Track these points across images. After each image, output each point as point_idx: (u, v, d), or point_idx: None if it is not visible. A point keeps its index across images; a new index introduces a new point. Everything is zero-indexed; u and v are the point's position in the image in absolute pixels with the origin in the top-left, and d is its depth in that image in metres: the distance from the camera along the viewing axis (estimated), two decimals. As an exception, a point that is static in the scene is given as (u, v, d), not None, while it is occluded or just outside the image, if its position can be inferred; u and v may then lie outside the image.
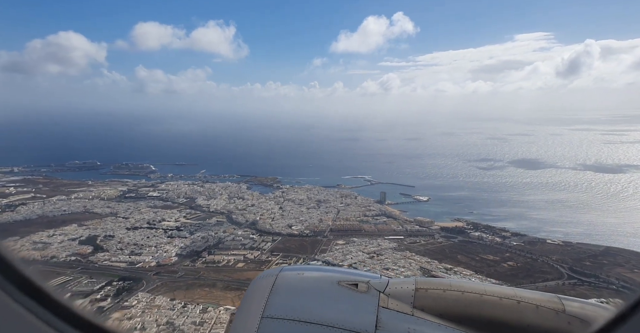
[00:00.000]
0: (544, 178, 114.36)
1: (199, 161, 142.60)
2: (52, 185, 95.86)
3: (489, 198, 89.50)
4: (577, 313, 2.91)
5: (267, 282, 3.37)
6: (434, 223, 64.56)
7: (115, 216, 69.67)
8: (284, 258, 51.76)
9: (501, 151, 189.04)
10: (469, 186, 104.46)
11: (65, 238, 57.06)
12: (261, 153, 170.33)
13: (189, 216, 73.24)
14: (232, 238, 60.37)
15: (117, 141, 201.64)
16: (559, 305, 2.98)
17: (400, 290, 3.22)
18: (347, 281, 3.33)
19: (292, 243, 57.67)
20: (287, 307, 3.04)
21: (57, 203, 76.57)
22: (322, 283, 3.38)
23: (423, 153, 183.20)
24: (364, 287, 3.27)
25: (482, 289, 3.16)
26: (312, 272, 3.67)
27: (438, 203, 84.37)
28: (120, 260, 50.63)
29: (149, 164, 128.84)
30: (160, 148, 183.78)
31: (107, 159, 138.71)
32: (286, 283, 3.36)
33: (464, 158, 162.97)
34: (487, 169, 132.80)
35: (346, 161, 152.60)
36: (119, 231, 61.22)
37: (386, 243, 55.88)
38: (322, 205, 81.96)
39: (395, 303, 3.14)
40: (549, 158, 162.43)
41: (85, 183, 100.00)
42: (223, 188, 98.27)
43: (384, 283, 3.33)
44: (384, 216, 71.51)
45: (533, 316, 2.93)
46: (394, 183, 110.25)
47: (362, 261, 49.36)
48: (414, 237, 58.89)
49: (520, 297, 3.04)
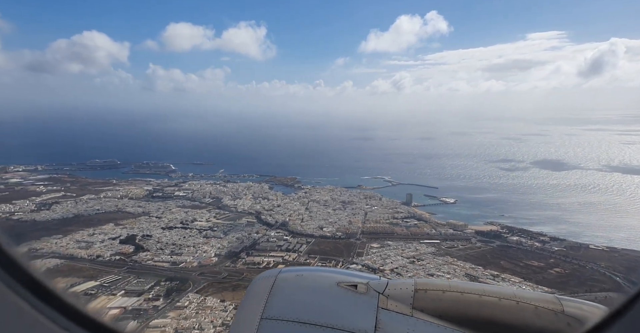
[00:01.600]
0: (571, 179, 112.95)
1: (214, 160, 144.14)
2: (79, 184, 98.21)
3: (519, 200, 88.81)
4: (576, 314, 2.94)
5: (267, 283, 3.38)
6: (467, 227, 64.47)
7: (148, 215, 71.25)
8: (323, 261, 52.38)
9: (519, 152, 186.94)
10: (495, 187, 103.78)
11: (106, 237, 58.72)
12: (275, 153, 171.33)
13: (218, 216, 74.48)
14: (265, 239, 61.31)
15: (131, 140, 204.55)
16: (558, 305, 3.01)
17: (399, 291, 3.24)
18: (347, 283, 3.34)
19: (326, 246, 58.27)
20: (286, 308, 3.05)
21: (89, 202, 78.58)
22: (321, 284, 3.38)
23: (440, 153, 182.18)
24: (363, 288, 3.28)
25: (481, 290, 3.18)
26: (311, 273, 3.69)
27: (466, 205, 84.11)
28: (162, 259, 51.95)
29: (168, 163, 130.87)
30: (174, 146, 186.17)
31: (125, 157, 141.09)
32: (285, 284, 3.36)
33: (483, 159, 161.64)
34: (510, 170, 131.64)
35: (363, 161, 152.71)
36: (155, 231, 62.67)
37: (423, 248, 55.99)
38: (348, 207, 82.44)
39: (394, 304, 3.16)
40: (571, 158, 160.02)
41: (110, 182, 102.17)
42: (246, 188, 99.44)
43: (383, 284, 3.34)
44: (414, 218, 71.62)
45: (532, 316, 2.96)
46: (416, 184, 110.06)
47: (403, 266, 49.54)
48: (450, 241, 58.88)
49: (519, 298, 3.07)
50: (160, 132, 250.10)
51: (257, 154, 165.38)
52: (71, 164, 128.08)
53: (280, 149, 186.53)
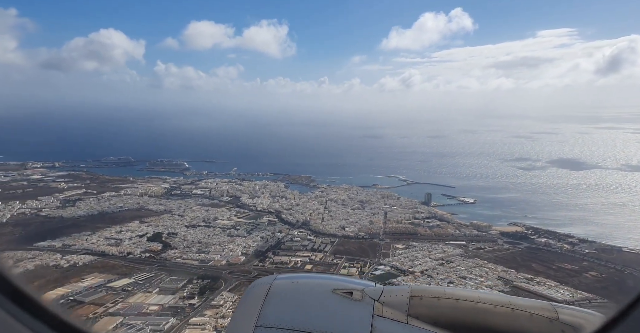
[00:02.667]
0: (591, 179, 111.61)
1: (226, 158, 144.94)
2: (98, 181, 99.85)
3: (541, 200, 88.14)
4: (570, 321, 2.94)
5: (261, 290, 3.36)
6: (491, 228, 64.25)
7: (170, 213, 72.36)
8: (350, 262, 52.64)
9: (533, 150, 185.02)
10: (515, 187, 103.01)
11: (133, 234, 59.90)
12: (285, 151, 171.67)
13: (239, 215, 75.29)
14: (289, 238, 61.90)
15: (139, 137, 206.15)
16: (553, 313, 3.01)
17: (394, 298, 3.23)
18: (342, 290, 3.33)
19: (350, 246, 58.59)
20: (281, 316, 3.03)
21: (111, 200, 79.98)
22: (316, 291, 3.37)
23: (452, 151, 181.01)
24: (358, 295, 3.28)
25: (476, 297, 3.18)
26: (306, 280, 3.68)
27: (486, 205, 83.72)
28: (190, 257, 52.88)
29: (182, 161, 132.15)
30: (183, 144, 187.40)
31: (136, 155, 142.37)
32: (280, 291, 3.35)
33: (497, 157, 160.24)
34: (527, 169, 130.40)
35: (376, 159, 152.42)
36: (180, 229, 63.70)
37: (450, 249, 55.97)
38: (367, 206, 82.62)
39: (390, 311, 3.14)
40: (588, 157, 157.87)
41: (127, 180, 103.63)
42: (262, 187, 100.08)
43: (378, 291, 3.33)
44: (435, 219, 71.58)
45: (527, 324, 2.96)
46: (432, 183, 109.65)
47: (433, 268, 49.41)
48: (476, 242, 58.78)
49: (515, 305, 3.07)
50: (168, 130, 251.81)
51: (268, 152, 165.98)
52: (86, 161, 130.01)
53: (290, 147, 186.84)
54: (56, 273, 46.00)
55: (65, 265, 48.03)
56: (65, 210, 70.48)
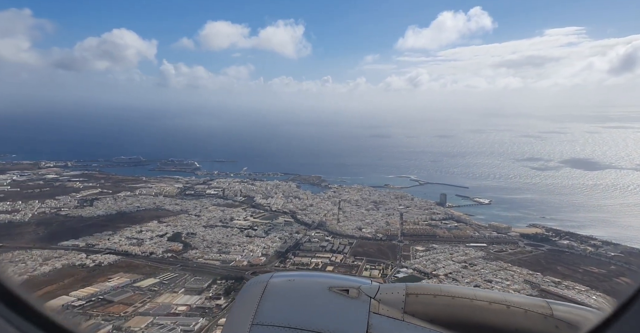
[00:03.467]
0: (608, 179, 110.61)
1: (234, 158, 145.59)
2: (112, 180, 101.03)
3: (559, 201, 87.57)
4: (565, 317, 2.99)
5: (258, 289, 3.38)
6: (511, 229, 64.00)
7: (187, 213, 73.08)
8: (371, 264, 52.70)
9: (543, 150, 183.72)
10: (530, 187, 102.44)
11: (153, 234, 60.66)
12: (293, 150, 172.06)
13: (255, 215, 75.82)
14: (307, 239, 62.25)
15: (148, 136, 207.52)
16: (547, 309, 3.05)
17: (391, 296, 3.26)
18: (338, 287, 3.35)
19: (369, 247, 58.72)
20: (277, 314, 3.05)
21: (127, 199, 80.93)
22: (313, 289, 3.39)
23: (462, 151, 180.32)
24: (354, 293, 3.30)
25: (472, 294, 3.21)
26: (303, 278, 3.73)
27: (502, 206, 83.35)
28: (212, 258, 53.47)
29: (193, 161, 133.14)
30: (190, 143, 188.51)
31: (147, 154, 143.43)
32: (277, 289, 3.37)
33: (509, 157, 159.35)
34: (541, 169, 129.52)
35: (386, 159, 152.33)
36: (198, 229, 64.36)
37: (472, 251, 55.83)
38: (381, 207, 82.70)
39: (386, 308, 3.17)
40: (601, 157, 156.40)
41: (139, 179, 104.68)
42: (274, 187, 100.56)
43: (374, 289, 3.37)
44: (452, 220, 71.45)
45: (522, 320, 3.00)
46: (445, 183, 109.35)
47: (457, 271, 49.22)
48: (497, 244, 58.57)
49: (510, 302, 3.11)
50: (173, 129, 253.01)
51: (276, 152, 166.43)
52: (98, 160, 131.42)
53: (297, 147, 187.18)
54: (83, 272, 46.82)
55: (91, 264, 48.87)
56: (84, 210, 71.51)
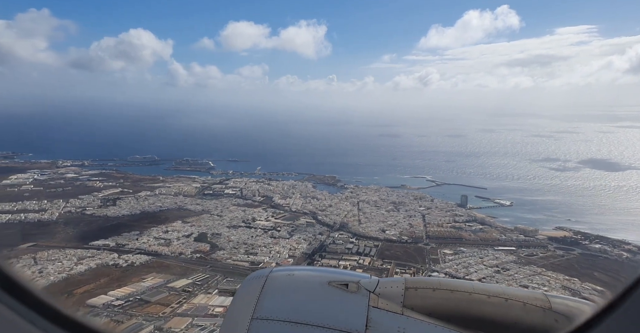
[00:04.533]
0: (631, 181, 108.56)
1: (246, 157, 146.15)
2: (130, 180, 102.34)
3: (583, 203, 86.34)
4: (563, 310, 3.01)
5: (258, 283, 3.40)
6: (538, 232, 63.30)
7: (209, 213, 73.76)
8: (400, 267, 52.05)
9: (559, 150, 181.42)
10: (551, 189, 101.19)
11: (179, 234, 61.41)
12: (304, 149, 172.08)
13: (276, 215, 76.21)
14: (331, 241, 62.39)
15: (158, 135, 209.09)
16: (546, 302, 3.07)
17: (390, 290, 3.28)
18: (338, 282, 3.37)
19: (395, 250, 58.59)
20: (277, 308, 3.09)
21: (149, 199, 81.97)
22: (312, 283, 3.42)
23: (476, 151, 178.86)
24: (354, 287, 3.33)
25: (470, 288, 3.24)
26: (302, 272, 3.76)
27: (525, 208, 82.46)
28: (240, 259, 53.98)
29: (207, 160, 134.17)
30: (201, 142, 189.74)
31: (158, 153, 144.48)
32: (276, 283, 3.39)
33: (524, 157, 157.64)
34: (560, 170, 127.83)
35: (400, 158, 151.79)
36: (222, 230, 64.94)
37: (502, 255, 55.23)
38: (401, 208, 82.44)
39: (385, 302, 3.19)
40: (619, 158, 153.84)
41: (157, 179, 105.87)
42: (291, 187, 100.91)
43: (374, 283, 3.39)
44: (476, 222, 70.94)
45: (520, 313, 3.03)
46: (462, 184, 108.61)
47: (490, 276, 48.52)
48: (526, 248, 57.93)
49: (508, 295, 3.12)
50: (182, 128, 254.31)
51: (287, 151, 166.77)
52: (113, 159, 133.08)
53: (307, 146, 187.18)
54: (117, 272, 47.68)
55: (124, 264, 49.72)
56: (108, 209, 72.65)
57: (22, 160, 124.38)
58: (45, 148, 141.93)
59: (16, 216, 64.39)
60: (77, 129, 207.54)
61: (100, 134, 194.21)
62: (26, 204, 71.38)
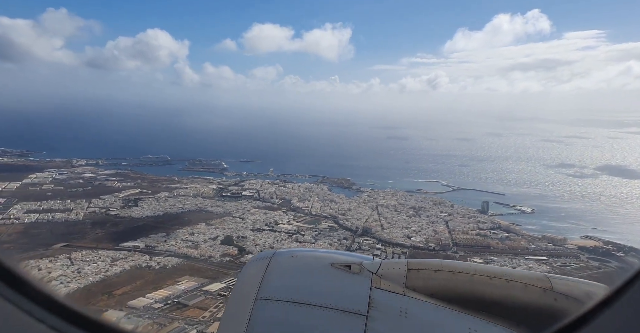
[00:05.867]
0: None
1: (256, 158, 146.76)
2: (147, 180, 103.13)
3: (608, 211, 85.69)
4: (564, 290, 3.05)
5: (261, 264, 3.45)
6: (567, 241, 63.08)
7: (230, 216, 74.26)
8: None
9: (572, 156, 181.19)
10: (571, 196, 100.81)
11: (205, 237, 61.89)
12: (313, 151, 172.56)
13: (297, 219, 76.61)
14: (357, 246, 62.62)
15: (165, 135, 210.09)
16: (547, 283, 3.10)
17: (392, 271, 3.31)
18: (341, 263, 3.40)
19: (424, 257, 58.37)
20: (280, 289, 3.14)
21: (169, 200, 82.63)
22: (315, 264, 3.44)
23: (488, 155, 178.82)
24: (357, 268, 3.35)
25: (472, 269, 3.25)
26: (305, 254, 3.74)
27: (547, 215, 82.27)
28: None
29: (220, 161, 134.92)
30: (210, 142, 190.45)
31: (169, 153, 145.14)
32: (280, 265, 3.44)
33: (538, 163, 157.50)
34: (578, 177, 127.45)
35: (413, 162, 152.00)
36: (247, 233, 65.40)
37: (534, 265, 54.43)
38: (422, 213, 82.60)
39: (387, 283, 3.22)
40: (637, 165, 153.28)
41: (172, 179, 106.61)
42: (307, 189, 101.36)
43: (376, 265, 3.41)
44: (501, 229, 70.86)
45: (521, 294, 3.06)
46: (479, 189, 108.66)
47: None
48: (557, 258, 57.46)
49: (510, 276, 3.14)
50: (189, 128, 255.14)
51: (296, 152, 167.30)
52: (126, 159, 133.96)
53: (316, 147, 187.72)
54: (150, 274, 48.17)
55: (156, 266, 50.21)
56: (131, 210, 73.30)
57: (37, 159, 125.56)
58: (57, 147, 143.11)
59: (44, 216, 65.19)
60: (87, 128, 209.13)
61: (111, 133, 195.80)
62: (51, 204, 72.22)
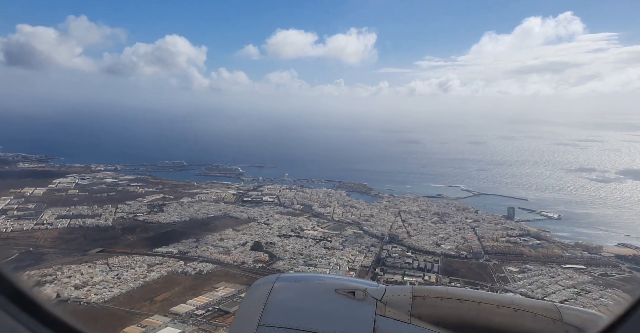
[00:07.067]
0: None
1: (270, 163, 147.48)
2: (168, 186, 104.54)
3: (639, 217, 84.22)
4: (574, 322, 2.95)
5: (264, 290, 3.42)
6: (602, 249, 61.91)
7: (256, 221, 74.86)
8: (470, 285, 49.77)
9: (590, 160, 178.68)
10: (597, 201, 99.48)
11: (234, 242, 62.48)
12: (326, 156, 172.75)
13: (321, 225, 76.82)
14: (386, 254, 62.39)
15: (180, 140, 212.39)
16: (556, 313, 3.01)
17: (397, 298, 3.24)
18: (345, 289, 3.36)
19: (457, 266, 57.95)
20: (283, 315, 3.08)
21: (193, 205, 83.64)
22: (319, 290, 3.41)
23: (505, 159, 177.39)
24: (361, 295, 3.30)
25: (479, 297, 3.18)
26: (309, 279, 3.76)
27: (575, 221, 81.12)
28: (302, 270, 54.38)
29: (236, 166, 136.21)
30: (223, 147, 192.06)
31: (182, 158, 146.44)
32: (283, 290, 3.42)
33: (557, 167, 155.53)
34: (601, 181, 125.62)
35: (429, 166, 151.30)
36: (274, 239, 65.85)
37: (574, 275, 53.46)
38: (447, 220, 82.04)
39: (392, 311, 3.15)
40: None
41: (191, 184, 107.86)
42: (326, 195, 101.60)
43: (381, 291, 3.34)
44: (531, 236, 69.98)
45: (530, 324, 2.96)
46: (500, 194, 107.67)
47: (572, 298, 45.87)
48: (596, 267, 56.18)
49: (518, 305, 3.06)
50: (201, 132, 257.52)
51: (309, 157, 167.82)
52: (143, 164, 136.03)
53: (328, 152, 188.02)
54: (187, 280, 48.81)
55: (192, 272, 50.87)
56: (158, 215, 74.40)
57: (57, 164, 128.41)
58: (74, 152, 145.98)
59: (75, 221, 66.64)
60: (100, 134, 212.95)
61: (125, 139, 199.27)
62: (79, 209, 73.82)
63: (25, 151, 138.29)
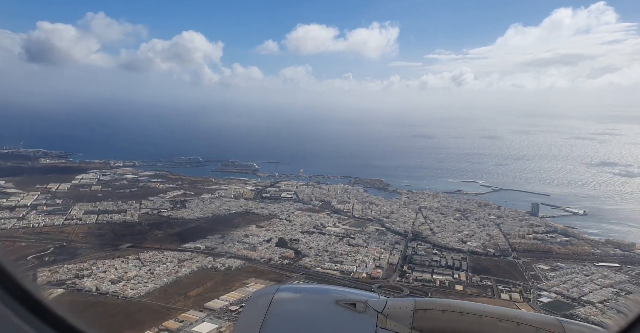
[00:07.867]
0: None
1: (283, 158, 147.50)
2: (187, 182, 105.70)
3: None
4: None
5: (264, 301, 3.37)
6: (635, 246, 60.23)
7: (277, 218, 75.20)
8: (502, 284, 49.22)
9: (611, 154, 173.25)
10: (623, 196, 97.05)
11: (259, 239, 62.98)
12: (340, 152, 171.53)
13: (342, 221, 76.68)
14: (412, 251, 61.87)
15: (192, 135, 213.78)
16: (559, 328, 2.96)
17: (398, 311, 3.23)
18: (345, 301, 3.34)
19: (485, 263, 57.05)
20: (283, 327, 3.06)
21: (214, 202, 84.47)
22: (319, 302, 3.40)
23: (523, 154, 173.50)
24: (362, 307, 3.29)
25: (481, 310, 3.17)
26: (309, 291, 3.74)
27: (603, 217, 79.11)
28: (328, 267, 54.59)
29: (252, 162, 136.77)
30: (235, 142, 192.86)
31: (198, 154, 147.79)
32: (283, 302, 3.37)
33: (578, 161, 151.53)
34: (625, 175, 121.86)
35: (446, 161, 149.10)
36: (298, 235, 66.07)
37: (610, 273, 52.08)
38: (469, 216, 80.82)
39: (393, 323, 3.15)
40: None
41: (209, 180, 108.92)
42: (344, 191, 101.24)
43: (382, 303, 3.34)
44: (557, 233, 68.56)
45: None
46: (521, 190, 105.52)
47: (611, 298, 44.53)
48: (631, 265, 54.93)
49: (520, 319, 3.04)
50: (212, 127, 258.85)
51: (323, 152, 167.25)
52: (161, 160, 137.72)
53: (342, 147, 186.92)
54: (218, 275, 49.52)
55: (221, 268, 51.56)
56: (182, 211, 75.45)
57: (77, 160, 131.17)
58: (92, 148, 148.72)
59: (102, 217, 68.20)
60: (118, 129, 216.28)
61: (139, 136, 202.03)
62: (105, 205, 75.41)
63: (45, 147, 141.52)
